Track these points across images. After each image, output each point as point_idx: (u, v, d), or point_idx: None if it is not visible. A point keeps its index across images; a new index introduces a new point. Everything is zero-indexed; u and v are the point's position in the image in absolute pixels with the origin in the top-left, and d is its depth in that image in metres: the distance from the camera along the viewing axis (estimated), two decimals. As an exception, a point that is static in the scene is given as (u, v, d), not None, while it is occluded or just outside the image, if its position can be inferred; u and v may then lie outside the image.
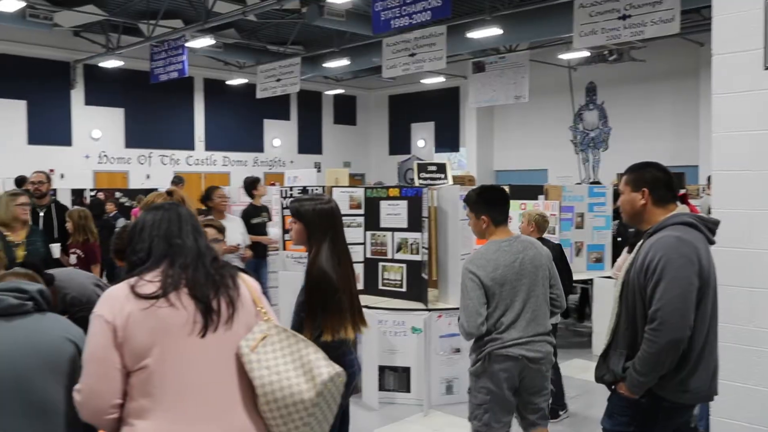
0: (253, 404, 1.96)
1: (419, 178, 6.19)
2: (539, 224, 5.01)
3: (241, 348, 1.95)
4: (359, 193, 5.81)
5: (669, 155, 14.32)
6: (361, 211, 5.79)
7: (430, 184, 6.03)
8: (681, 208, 2.69)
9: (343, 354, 2.81)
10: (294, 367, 1.95)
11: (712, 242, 2.64)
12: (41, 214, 6.18)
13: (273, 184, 13.50)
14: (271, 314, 2.06)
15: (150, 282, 1.90)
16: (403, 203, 5.59)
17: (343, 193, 5.77)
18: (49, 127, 15.83)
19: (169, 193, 3.42)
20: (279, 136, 20.52)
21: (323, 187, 6.53)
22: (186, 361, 1.87)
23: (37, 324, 2.05)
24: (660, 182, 2.68)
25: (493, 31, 12.35)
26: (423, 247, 5.43)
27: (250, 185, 7.35)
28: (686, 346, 2.48)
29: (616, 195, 4.41)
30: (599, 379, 2.74)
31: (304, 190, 6.35)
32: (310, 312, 2.82)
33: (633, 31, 9.08)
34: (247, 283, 2.08)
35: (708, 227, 2.62)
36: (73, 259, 5.80)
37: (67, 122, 16.22)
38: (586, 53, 14.94)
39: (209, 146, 18.89)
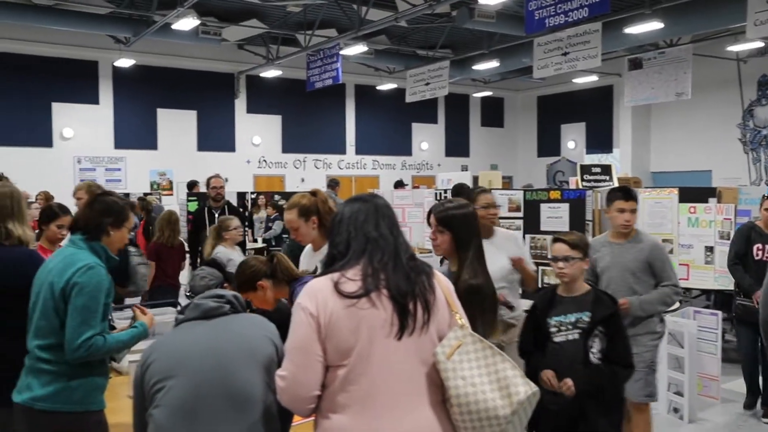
0: (442, 409, 1.97)
1: (582, 180, 6.00)
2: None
3: (437, 355, 1.95)
4: (518, 195, 5.73)
5: None
6: (520, 214, 5.71)
7: (594, 186, 5.83)
8: None
9: None
10: (489, 381, 1.93)
11: None
12: (216, 215, 6.67)
13: (417, 187, 13.67)
14: (464, 319, 2.06)
15: (351, 280, 1.95)
16: (565, 206, 5.45)
17: (502, 195, 5.72)
18: (216, 135, 17.05)
19: (313, 193, 3.55)
20: (426, 140, 20.72)
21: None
22: (382, 362, 1.91)
23: (235, 322, 2.22)
24: None
25: (654, 25, 11.71)
26: (586, 251, 5.25)
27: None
28: None
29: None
30: None
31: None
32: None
33: (819, 18, 8.25)
34: (441, 284, 2.07)
35: None
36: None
37: (231, 130, 17.39)
38: (759, 44, 13.77)
39: (359, 150, 19.46)
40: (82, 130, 15.36)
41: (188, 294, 2.62)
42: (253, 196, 13.88)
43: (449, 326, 2.02)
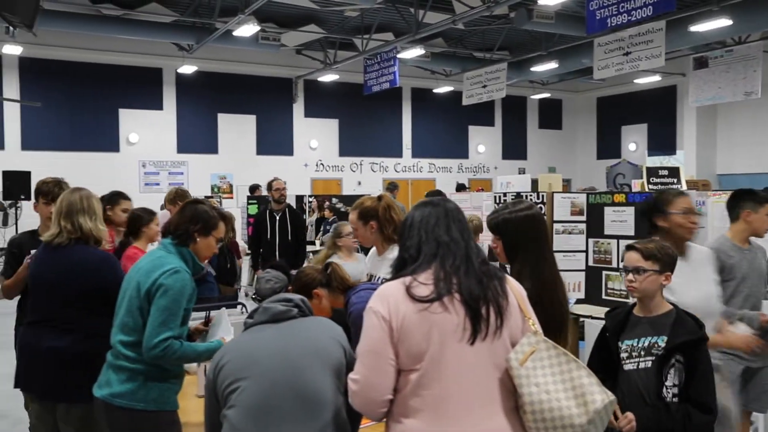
0: (516, 416, 1.94)
1: (649, 183, 5.85)
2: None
3: (510, 361, 1.93)
4: (581, 198, 5.62)
5: None
6: (583, 218, 5.60)
7: (661, 189, 5.67)
8: None
9: None
10: (564, 389, 1.90)
11: None
12: (277, 217, 6.77)
13: (480, 189, 13.59)
14: (537, 325, 2.03)
15: (423, 284, 1.94)
16: (630, 209, 5.31)
17: (564, 198, 5.63)
18: (274, 139, 17.33)
19: (379, 198, 3.55)
20: (483, 142, 20.57)
21: (540, 192, 6.41)
22: (455, 366, 1.89)
23: (303, 325, 2.26)
24: None
25: (721, 23, 11.32)
26: (653, 256, 5.12)
27: None
28: None
29: None
30: None
31: (518, 196, 6.29)
32: None
33: None
34: (514, 290, 2.05)
35: None
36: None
37: (289, 134, 17.64)
38: (835, 40, 13.18)
39: (416, 153, 19.46)
40: (147, 135, 15.84)
41: (254, 297, 2.67)
42: (311, 199, 14.05)
43: (522, 332, 1.99)
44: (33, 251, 3.49)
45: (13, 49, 13.10)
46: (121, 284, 3.00)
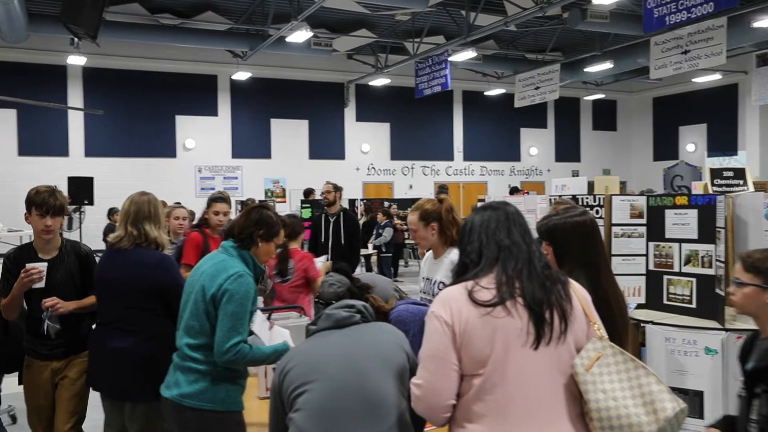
0: (582, 423, 1.91)
1: (713, 184, 5.68)
2: None
3: (575, 366, 1.89)
4: (641, 201, 5.48)
5: None
6: (643, 221, 5.47)
7: (726, 191, 5.50)
8: None
9: None
10: (632, 395, 1.85)
11: None
12: (332, 221, 6.82)
13: (527, 193, 13.40)
14: (603, 330, 1.99)
15: (486, 288, 1.92)
16: (693, 212, 5.15)
17: (623, 201, 5.50)
18: (326, 143, 17.50)
19: (440, 200, 3.54)
20: (536, 145, 20.33)
21: (597, 195, 6.28)
22: (518, 372, 1.87)
23: (366, 331, 2.28)
24: None
25: (787, 18, 10.95)
26: (717, 261, 4.96)
27: None
28: None
29: None
30: None
31: (574, 199, 6.18)
32: None
33: None
34: (578, 294, 2.01)
35: None
36: None
37: (341, 138, 17.78)
38: None
39: (467, 156, 19.36)
40: (203, 141, 16.20)
41: (316, 300, 2.69)
42: (364, 202, 14.14)
43: (587, 337, 1.95)
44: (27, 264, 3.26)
45: (77, 60, 13.61)
46: (178, 284, 3.06)
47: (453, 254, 3.35)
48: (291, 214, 4.64)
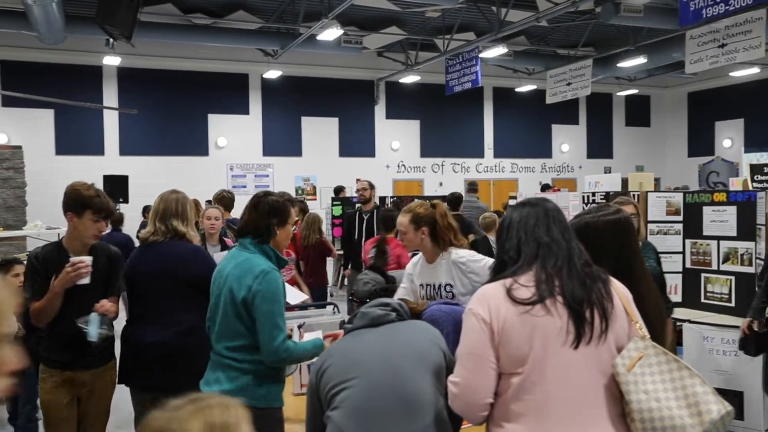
0: (623, 424, 1.88)
1: (753, 181, 5.56)
2: None
3: (616, 366, 1.86)
4: (677, 198, 5.41)
5: None
6: (680, 218, 5.39)
7: (766, 187, 5.38)
8: None
9: None
10: (675, 397, 1.81)
11: None
12: (365, 218, 6.85)
13: (558, 190, 13.24)
14: (645, 330, 1.95)
15: (524, 286, 1.90)
16: (731, 209, 5.07)
17: (659, 198, 5.43)
18: (356, 141, 17.52)
19: (433, 205, 3.57)
20: (567, 141, 20.10)
21: (632, 192, 6.19)
22: (558, 371, 1.85)
23: (402, 329, 2.29)
24: None
25: (828, 10, 10.64)
26: (757, 258, 4.86)
27: None
28: None
29: None
30: None
31: (607, 196, 6.10)
32: None
33: None
34: (619, 293, 1.98)
35: None
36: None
37: (371, 136, 17.79)
38: None
39: (498, 153, 19.22)
40: (234, 139, 16.34)
41: (351, 298, 2.70)
42: (393, 200, 14.11)
43: (629, 337, 1.93)
44: (57, 271, 3.03)
45: (112, 60, 13.84)
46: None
47: (453, 255, 3.38)
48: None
